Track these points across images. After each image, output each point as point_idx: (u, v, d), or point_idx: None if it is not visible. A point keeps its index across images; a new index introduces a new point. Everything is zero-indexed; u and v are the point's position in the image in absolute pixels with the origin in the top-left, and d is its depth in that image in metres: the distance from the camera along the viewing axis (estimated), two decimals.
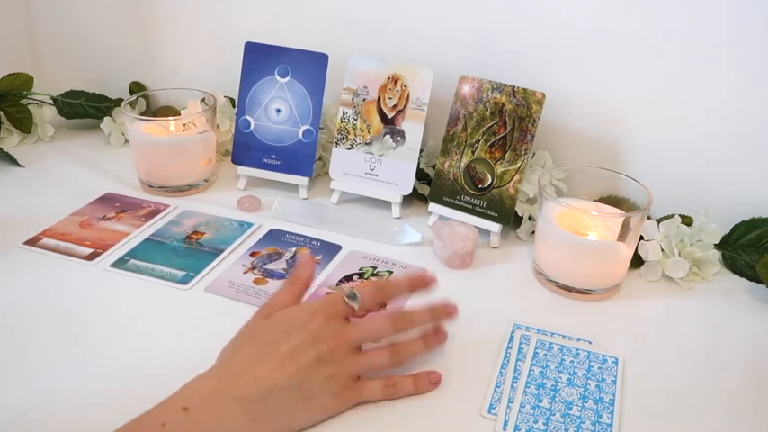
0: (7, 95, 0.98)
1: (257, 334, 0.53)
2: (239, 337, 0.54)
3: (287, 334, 0.52)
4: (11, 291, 0.67)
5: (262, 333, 0.53)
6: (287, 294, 0.57)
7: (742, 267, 0.73)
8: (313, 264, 0.61)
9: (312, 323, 0.52)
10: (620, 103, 0.78)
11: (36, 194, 0.86)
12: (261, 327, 0.54)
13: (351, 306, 0.55)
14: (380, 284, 0.59)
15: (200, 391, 0.49)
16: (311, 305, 0.55)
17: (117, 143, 0.99)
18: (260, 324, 0.54)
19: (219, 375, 0.50)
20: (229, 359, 0.52)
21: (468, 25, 0.82)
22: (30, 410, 0.53)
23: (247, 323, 0.55)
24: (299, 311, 0.54)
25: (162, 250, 0.75)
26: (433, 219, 0.80)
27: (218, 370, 0.51)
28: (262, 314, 0.55)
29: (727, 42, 0.71)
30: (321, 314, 0.53)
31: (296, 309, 0.55)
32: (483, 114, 0.77)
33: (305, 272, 0.60)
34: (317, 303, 0.55)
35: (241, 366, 0.50)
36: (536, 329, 0.64)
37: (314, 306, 0.54)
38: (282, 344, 0.51)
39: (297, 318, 0.53)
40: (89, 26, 1.04)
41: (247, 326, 0.55)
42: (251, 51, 0.85)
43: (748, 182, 0.75)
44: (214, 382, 0.50)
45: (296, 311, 0.54)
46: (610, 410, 0.55)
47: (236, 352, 0.52)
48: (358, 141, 0.83)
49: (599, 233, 0.68)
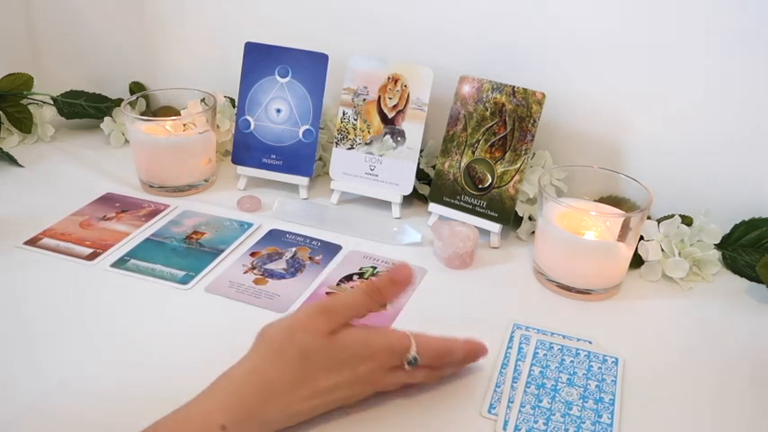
0: (7, 95, 0.98)
1: (311, 354, 0.49)
2: (291, 341, 0.49)
3: (337, 369, 0.49)
4: (11, 291, 0.67)
5: (316, 355, 0.49)
6: (358, 307, 0.52)
7: (742, 267, 0.73)
8: (407, 282, 0.54)
9: (364, 366, 0.50)
10: (620, 103, 0.78)
11: (36, 194, 0.86)
12: (319, 347, 0.49)
13: (405, 368, 0.52)
14: (441, 351, 0.55)
15: (241, 404, 0.47)
16: (375, 342, 0.51)
17: (117, 143, 0.99)
18: (319, 342, 0.49)
19: (260, 389, 0.47)
20: (273, 368, 0.48)
21: (469, 25, 0.82)
22: (27, 411, 0.53)
23: (306, 323, 0.50)
24: (361, 347, 0.50)
25: (162, 250, 0.75)
26: (434, 219, 0.80)
27: (259, 379, 0.48)
28: (325, 324, 0.50)
29: (727, 42, 0.71)
30: (377, 361, 0.51)
31: (359, 343, 0.51)
32: (483, 114, 0.77)
33: (392, 290, 0.53)
34: (379, 344, 0.51)
35: (281, 388, 0.48)
36: (536, 329, 0.64)
37: (375, 347, 0.51)
38: (327, 378, 0.49)
39: (354, 354, 0.50)
40: (89, 26, 1.04)
41: (306, 330, 0.49)
42: (251, 51, 0.85)
43: (748, 182, 0.75)
44: (254, 400, 0.47)
45: (358, 347, 0.50)
46: (610, 410, 0.55)
47: (283, 359, 0.49)
48: (358, 141, 0.83)
49: (599, 233, 0.68)
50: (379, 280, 0.53)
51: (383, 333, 0.53)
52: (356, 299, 0.52)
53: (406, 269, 0.53)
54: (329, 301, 0.52)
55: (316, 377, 0.49)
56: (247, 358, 0.50)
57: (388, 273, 0.53)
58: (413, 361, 0.52)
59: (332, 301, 0.52)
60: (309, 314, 0.51)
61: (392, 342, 0.52)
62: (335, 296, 0.53)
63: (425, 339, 0.53)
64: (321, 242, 0.77)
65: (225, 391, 0.47)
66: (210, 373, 0.52)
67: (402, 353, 0.52)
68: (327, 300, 0.52)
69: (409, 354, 0.52)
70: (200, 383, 0.51)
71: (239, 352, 0.55)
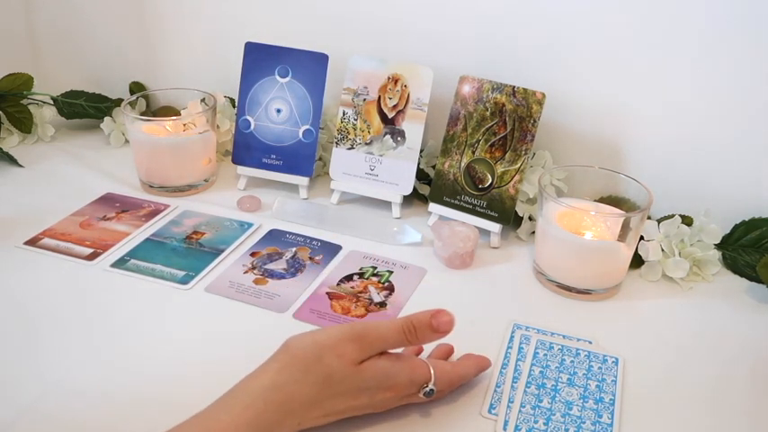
0: (7, 95, 0.98)
1: (336, 379, 0.48)
2: (319, 362, 0.48)
3: (355, 395, 0.49)
4: (11, 291, 0.67)
5: (340, 382, 0.48)
6: (392, 343, 0.51)
7: (742, 267, 0.73)
8: (447, 332, 0.52)
9: (381, 395, 0.50)
10: (620, 102, 0.78)
11: (36, 194, 0.86)
12: (345, 374, 0.49)
13: (419, 396, 0.53)
14: (456, 380, 0.55)
15: (257, 422, 0.46)
16: (399, 376, 0.51)
17: (117, 143, 0.99)
18: (347, 370, 0.49)
19: (278, 406, 0.46)
20: (294, 386, 0.47)
21: (468, 25, 0.82)
22: (27, 411, 0.53)
23: (336, 347, 0.49)
24: (384, 379, 0.50)
25: (162, 250, 0.75)
26: (434, 219, 0.80)
27: (278, 396, 0.47)
28: (356, 353, 0.49)
29: (727, 42, 0.71)
30: (395, 392, 0.51)
31: (384, 374, 0.50)
32: (483, 114, 0.77)
33: (429, 336, 0.52)
34: (402, 378, 0.51)
35: (298, 406, 0.47)
36: (536, 329, 0.64)
37: (397, 380, 0.51)
38: (344, 401, 0.49)
39: (376, 385, 0.50)
40: (89, 26, 1.04)
41: (335, 354, 0.49)
42: (251, 51, 0.85)
43: (748, 182, 0.75)
44: (271, 417, 0.46)
45: (381, 378, 0.50)
46: (610, 410, 0.55)
47: (306, 378, 0.48)
48: (358, 141, 0.83)
49: (599, 233, 0.68)
50: (419, 321, 0.51)
51: (408, 366, 0.52)
52: (391, 334, 0.51)
53: (448, 317, 0.52)
54: (364, 329, 0.50)
55: (334, 400, 0.49)
56: (269, 370, 0.48)
57: (428, 315, 0.52)
58: (430, 393, 0.52)
59: (366, 329, 0.51)
60: (342, 338, 0.49)
61: (415, 377, 0.52)
62: (371, 324, 0.51)
63: (442, 368, 0.54)
64: (321, 242, 0.77)
65: (241, 404, 0.46)
66: (210, 373, 0.52)
67: (421, 384, 0.52)
68: (362, 326, 0.50)
69: (428, 386, 0.52)
70: (200, 383, 0.51)
71: (239, 352, 0.56)
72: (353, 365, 0.49)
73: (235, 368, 0.49)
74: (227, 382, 0.48)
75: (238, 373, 0.48)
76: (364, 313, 0.66)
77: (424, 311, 0.52)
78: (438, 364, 0.54)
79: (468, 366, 0.56)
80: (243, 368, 0.49)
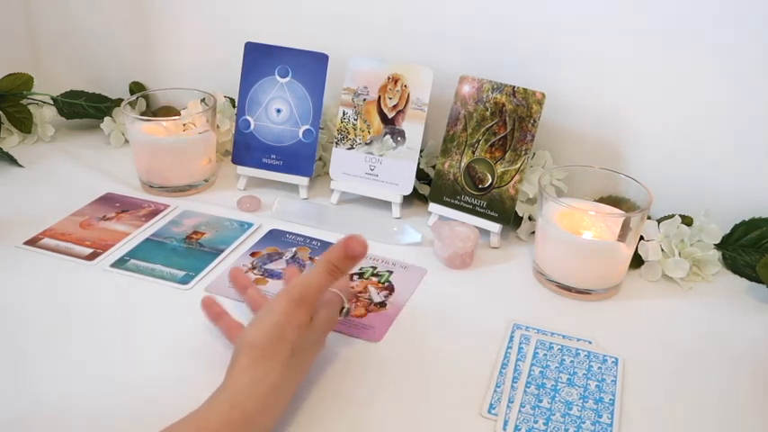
0: (7, 95, 0.98)
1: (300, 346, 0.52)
2: (282, 341, 0.51)
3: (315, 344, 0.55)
4: (11, 291, 0.67)
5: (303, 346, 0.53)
6: (324, 288, 0.54)
7: (742, 267, 0.73)
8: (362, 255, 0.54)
9: (327, 332, 0.58)
10: (620, 103, 0.78)
11: (36, 194, 0.86)
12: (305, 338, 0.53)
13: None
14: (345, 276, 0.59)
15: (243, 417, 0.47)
16: (333, 313, 0.57)
17: (117, 143, 0.99)
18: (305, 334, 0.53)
19: (262, 397, 0.49)
20: (272, 373, 0.49)
21: (468, 25, 0.82)
22: (28, 411, 0.53)
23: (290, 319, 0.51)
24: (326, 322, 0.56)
25: (162, 250, 0.75)
26: (434, 219, 0.80)
27: (261, 388, 0.49)
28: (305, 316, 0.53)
29: (727, 42, 0.71)
30: (333, 325, 0.59)
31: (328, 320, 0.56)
32: (483, 114, 0.77)
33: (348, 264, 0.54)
34: (334, 312, 0.58)
35: (280, 389, 0.50)
36: (536, 329, 0.64)
37: (334, 317, 0.57)
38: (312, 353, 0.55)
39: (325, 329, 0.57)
40: (89, 26, 1.04)
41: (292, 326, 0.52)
42: (251, 51, 0.85)
43: (748, 182, 0.75)
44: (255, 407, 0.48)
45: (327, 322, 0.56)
46: (610, 410, 0.55)
47: (277, 360, 0.50)
48: (358, 141, 0.83)
49: (599, 233, 0.68)
50: (336, 257, 0.53)
51: (334, 303, 0.58)
52: (320, 281, 0.53)
53: (358, 241, 0.53)
54: (301, 290, 0.53)
55: (303, 362, 0.53)
56: (242, 367, 0.49)
57: (341, 247, 0.53)
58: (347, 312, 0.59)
59: (303, 288, 0.53)
60: (289, 310, 0.52)
61: (338, 307, 0.58)
62: (303, 282, 0.53)
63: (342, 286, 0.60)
64: (321, 242, 0.77)
65: (228, 403, 0.47)
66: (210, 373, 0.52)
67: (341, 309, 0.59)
68: (299, 289, 0.53)
69: (344, 307, 0.59)
70: (199, 384, 0.51)
71: None
72: (307, 327, 0.52)
73: None
74: None
75: None
76: (364, 313, 0.66)
77: (335, 245, 0.53)
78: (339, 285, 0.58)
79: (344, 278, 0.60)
80: None
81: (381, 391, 0.56)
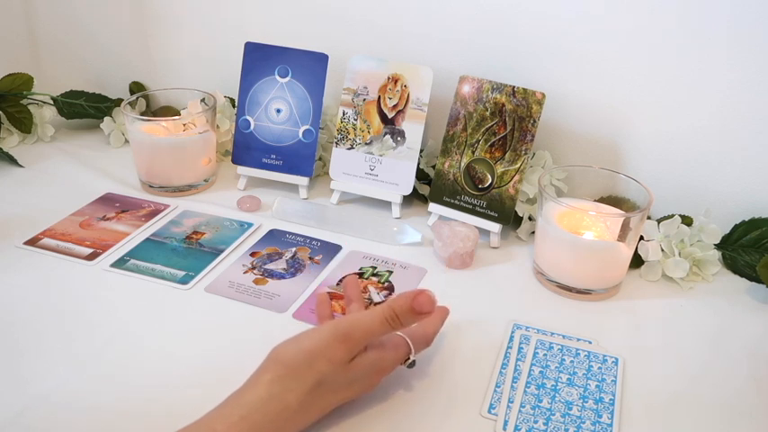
0: (7, 95, 0.98)
1: (328, 381, 0.49)
2: (310, 368, 0.48)
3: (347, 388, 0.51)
4: (11, 291, 0.67)
5: (332, 382, 0.49)
6: (377, 334, 0.51)
7: (742, 267, 0.73)
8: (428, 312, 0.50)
9: (370, 380, 0.53)
10: (620, 103, 0.78)
11: (36, 194, 0.86)
12: (337, 375, 0.49)
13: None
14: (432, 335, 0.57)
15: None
16: (386, 360, 0.53)
17: (117, 143, 0.99)
18: (338, 371, 0.49)
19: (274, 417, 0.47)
20: (289, 394, 0.47)
21: (469, 25, 0.82)
22: (28, 411, 0.53)
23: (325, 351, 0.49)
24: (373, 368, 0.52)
25: (162, 250, 0.75)
26: (433, 219, 0.80)
27: (275, 407, 0.47)
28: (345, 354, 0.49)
29: (727, 43, 0.71)
30: (384, 374, 0.54)
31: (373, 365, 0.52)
32: (483, 114, 0.77)
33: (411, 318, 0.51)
34: (388, 361, 0.53)
35: (293, 414, 0.47)
36: (536, 329, 0.64)
37: (385, 365, 0.53)
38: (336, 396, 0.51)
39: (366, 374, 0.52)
40: (89, 26, 1.04)
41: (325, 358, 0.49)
42: (251, 51, 0.85)
43: (748, 182, 0.75)
44: (267, 427, 0.46)
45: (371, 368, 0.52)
46: (610, 410, 0.55)
47: (299, 384, 0.48)
48: (358, 141, 0.83)
49: (599, 233, 0.68)
50: (400, 307, 0.50)
51: (391, 349, 0.53)
52: (375, 326, 0.50)
53: (428, 297, 0.50)
54: (348, 327, 0.50)
55: (328, 399, 0.50)
56: (261, 381, 0.48)
57: (408, 300, 0.50)
58: (412, 365, 0.55)
59: (351, 326, 0.50)
60: (329, 341, 0.49)
61: (399, 355, 0.54)
62: (354, 321, 0.50)
63: (415, 335, 0.56)
64: (321, 242, 0.77)
65: (237, 415, 0.46)
66: (210, 373, 0.52)
67: (404, 359, 0.54)
68: (346, 325, 0.50)
69: (410, 359, 0.54)
70: (199, 384, 0.51)
71: (239, 352, 0.56)
72: (344, 365, 0.50)
73: (235, 368, 0.49)
74: (227, 382, 0.48)
75: (238, 373, 0.48)
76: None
77: (403, 295, 0.51)
78: (412, 334, 0.55)
79: (435, 323, 0.58)
80: (243, 368, 0.49)
81: (381, 391, 0.56)
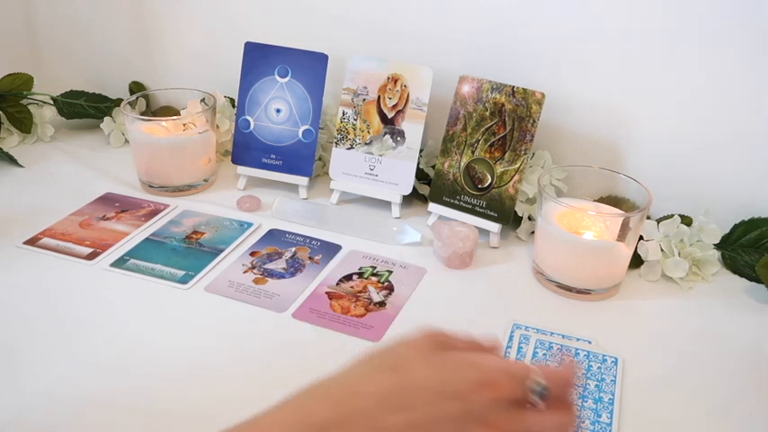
0: (7, 95, 0.98)
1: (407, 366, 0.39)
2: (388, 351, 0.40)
3: (440, 393, 0.37)
4: (10, 291, 0.67)
5: (413, 369, 0.39)
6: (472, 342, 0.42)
7: (742, 267, 0.73)
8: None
9: (478, 396, 0.37)
10: (620, 103, 0.78)
11: (36, 194, 0.86)
12: (417, 359, 0.39)
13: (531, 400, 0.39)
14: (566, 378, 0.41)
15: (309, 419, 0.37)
16: (489, 364, 0.39)
17: (117, 143, 0.99)
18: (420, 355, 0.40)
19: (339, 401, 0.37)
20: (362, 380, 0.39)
21: (468, 25, 0.82)
22: (27, 410, 0.53)
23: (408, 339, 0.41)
24: (471, 369, 0.39)
25: (162, 250, 0.75)
26: (433, 219, 0.80)
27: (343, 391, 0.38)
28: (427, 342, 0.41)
29: (727, 43, 0.71)
30: (496, 390, 0.38)
31: (469, 364, 0.39)
32: (483, 114, 0.77)
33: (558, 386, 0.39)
34: (493, 366, 0.39)
35: (366, 403, 0.37)
36: (536, 329, 0.64)
37: (489, 369, 0.39)
38: (428, 402, 0.37)
39: (464, 377, 0.38)
40: (89, 26, 1.04)
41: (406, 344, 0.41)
42: (251, 51, 0.85)
43: (748, 182, 0.75)
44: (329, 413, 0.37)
45: (468, 368, 0.39)
46: (609, 410, 0.55)
47: (374, 369, 0.39)
48: (358, 141, 0.83)
49: (599, 233, 0.68)
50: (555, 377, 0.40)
51: (495, 356, 0.42)
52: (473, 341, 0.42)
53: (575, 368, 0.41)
54: (440, 330, 0.42)
55: (412, 397, 0.37)
56: (341, 371, 0.40)
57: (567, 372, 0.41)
58: (542, 390, 0.39)
59: (444, 331, 0.42)
60: (414, 334, 0.41)
61: (510, 366, 0.40)
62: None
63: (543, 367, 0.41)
64: (321, 242, 0.77)
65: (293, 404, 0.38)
66: (210, 373, 0.52)
67: (523, 379, 0.39)
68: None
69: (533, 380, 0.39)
70: (199, 383, 0.51)
71: (239, 351, 0.56)
72: (428, 350, 0.40)
73: (234, 367, 0.49)
74: (227, 381, 0.48)
75: (238, 372, 0.49)
76: (364, 313, 0.66)
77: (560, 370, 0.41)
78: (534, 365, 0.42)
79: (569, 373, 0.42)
80: (242, 367, 0.49)
81: None
